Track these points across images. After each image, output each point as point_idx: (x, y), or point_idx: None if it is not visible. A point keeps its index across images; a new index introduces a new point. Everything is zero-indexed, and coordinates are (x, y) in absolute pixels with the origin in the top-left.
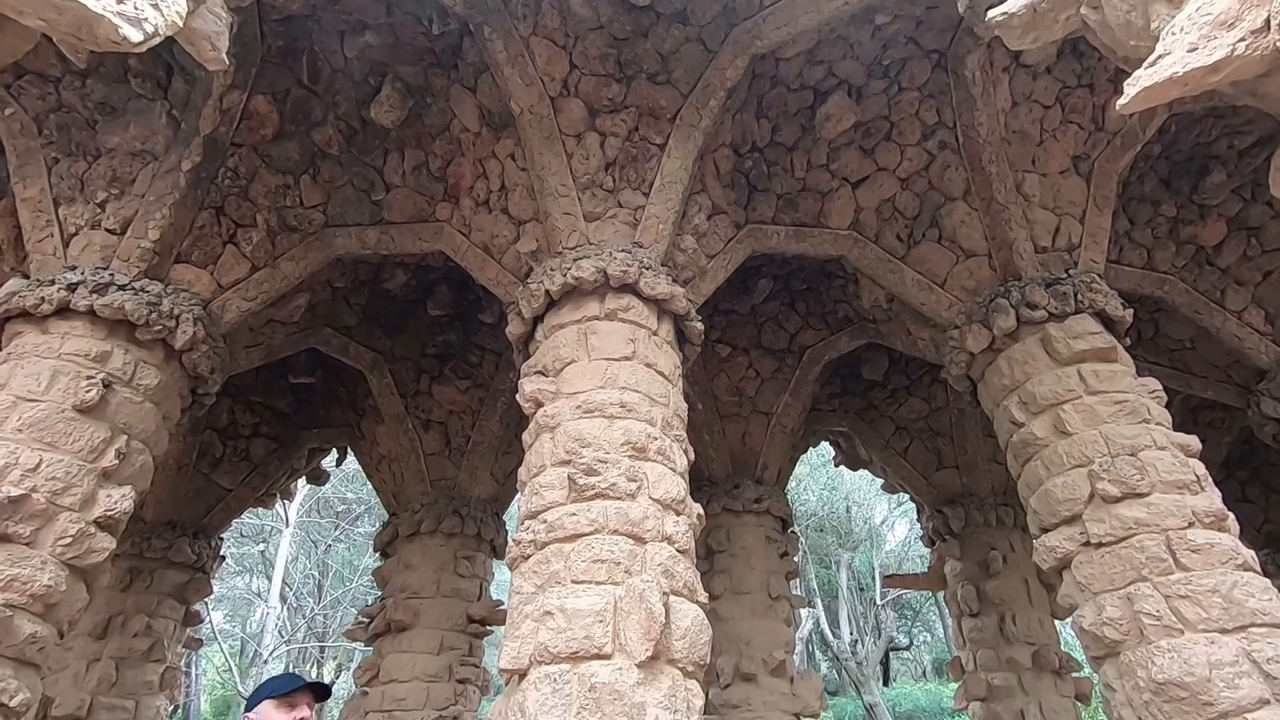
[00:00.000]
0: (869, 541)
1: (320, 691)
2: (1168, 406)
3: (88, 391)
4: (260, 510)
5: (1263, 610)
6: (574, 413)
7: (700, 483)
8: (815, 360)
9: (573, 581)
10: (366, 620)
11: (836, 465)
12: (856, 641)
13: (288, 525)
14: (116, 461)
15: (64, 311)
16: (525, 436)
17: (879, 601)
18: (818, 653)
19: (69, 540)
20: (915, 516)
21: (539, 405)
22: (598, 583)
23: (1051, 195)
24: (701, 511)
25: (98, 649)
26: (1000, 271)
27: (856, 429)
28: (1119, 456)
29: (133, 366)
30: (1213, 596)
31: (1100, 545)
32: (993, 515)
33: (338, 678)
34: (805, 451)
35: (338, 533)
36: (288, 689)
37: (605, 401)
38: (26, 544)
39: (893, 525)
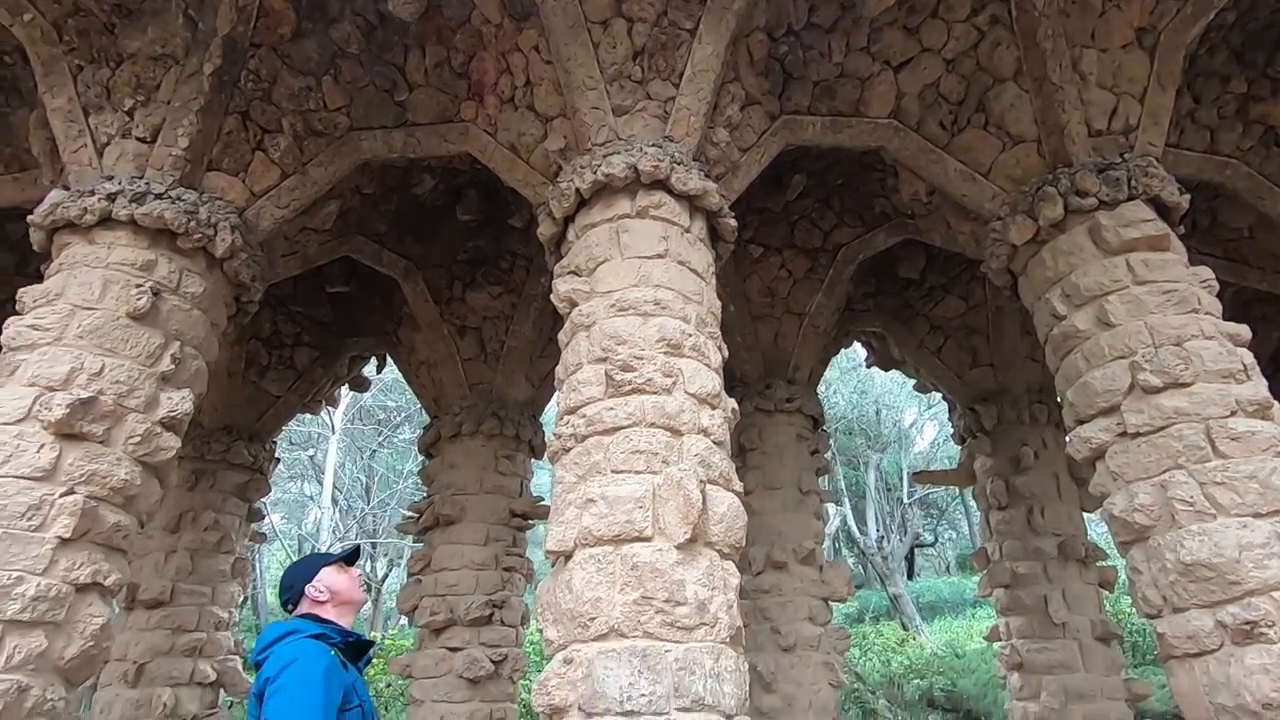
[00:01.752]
0: (898, 443)
1: (353, 559)
2: (1218, 299)
3: (139, 299)
4: (308, 418)
5: None
6: (608, 311)
7: (732, 383)
8: (850, 259)
9: (612, 471)
10: (415, 515)
11: (868, 366)
12: (883, 538)
13: (334, 432)
14: (173, 366)
15: (107, 222)
16: (561, 336)
17: (906, 501)
18: (844, 549)
19: (138, 439)
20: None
21: (573, 305)
22: (636, 472)
23: (1110, 73)
24: (736, 406)
25: (173, 541)
26: (1049, 158)
27: (890, 329)
28: (1163, 347)
29: (178, 275)
30: (1249, 482)
31: (1137, 435)
32: (1026, 413)
33: (389, 573)
34: (837, 353)
35: (381, 439)
36: (337, 559)
37: (639, 299)
38: (101, 442)
39: (921, 428)
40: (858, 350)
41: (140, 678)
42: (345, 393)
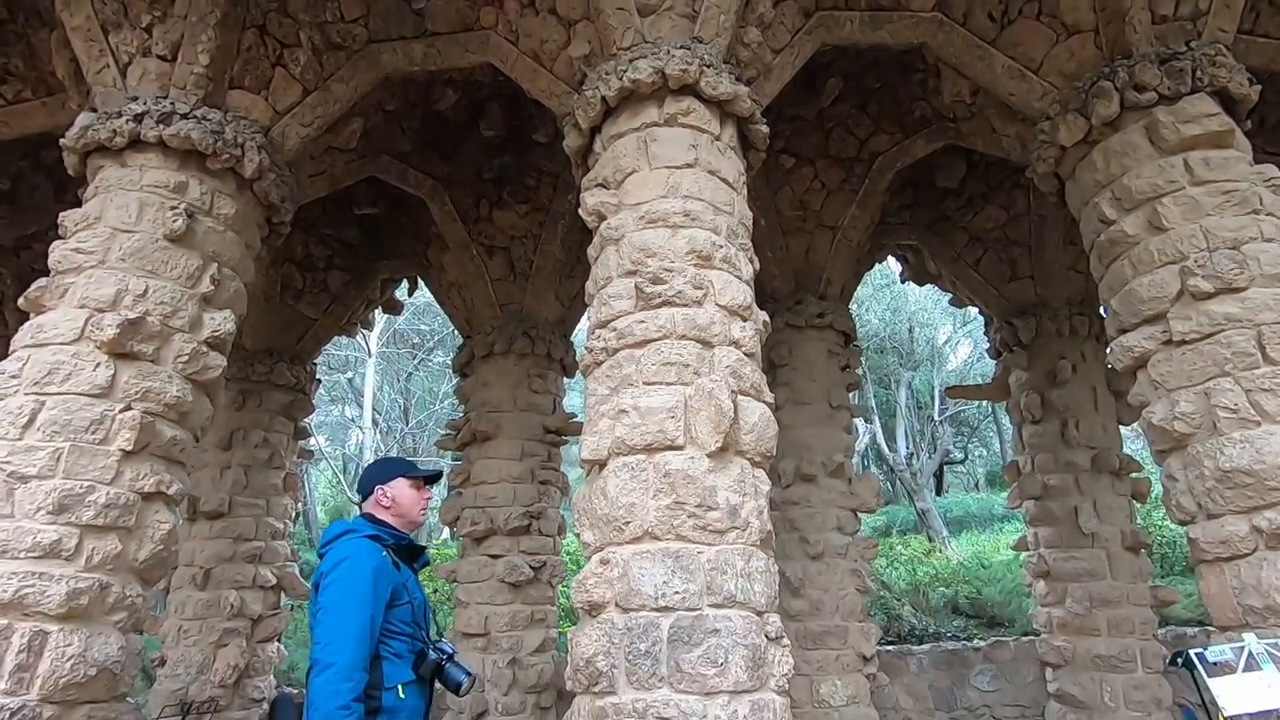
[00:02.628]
0: (930, 361)
1: (433, 480)
2: None
3: (174, 221)
4: (344, 342)
5: None
6: (637, 224)
7: (763, 299)
8: (886, 168)
9: (644, 383)
10: (453, 432)
11: (903, 281)
12: (912, 455)
13: (370, 355)
14: (213, 287)
15: (136, 144)
16: (590, 250)
17: (936, 418)
18: (873, 466)
19: (186, 358)
20: (979, 336)
21: (602, 218)
22: (668, 384)
23: None
24: (767, 319)
25: (227, 458)
26: (1107, 50)
27: (926, 241)
28: (1218, 251)
29: (210, 197)
30: None
31: (1183, 343)
32: (1066, 325)
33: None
34: (871, 267)
35: (416, 363)
36: (420, 474)
37: (668, 211)
38: (151, 361)
39: (955, 346)
40: (891, 267)
41: (208, 581)
42: (380, 317)
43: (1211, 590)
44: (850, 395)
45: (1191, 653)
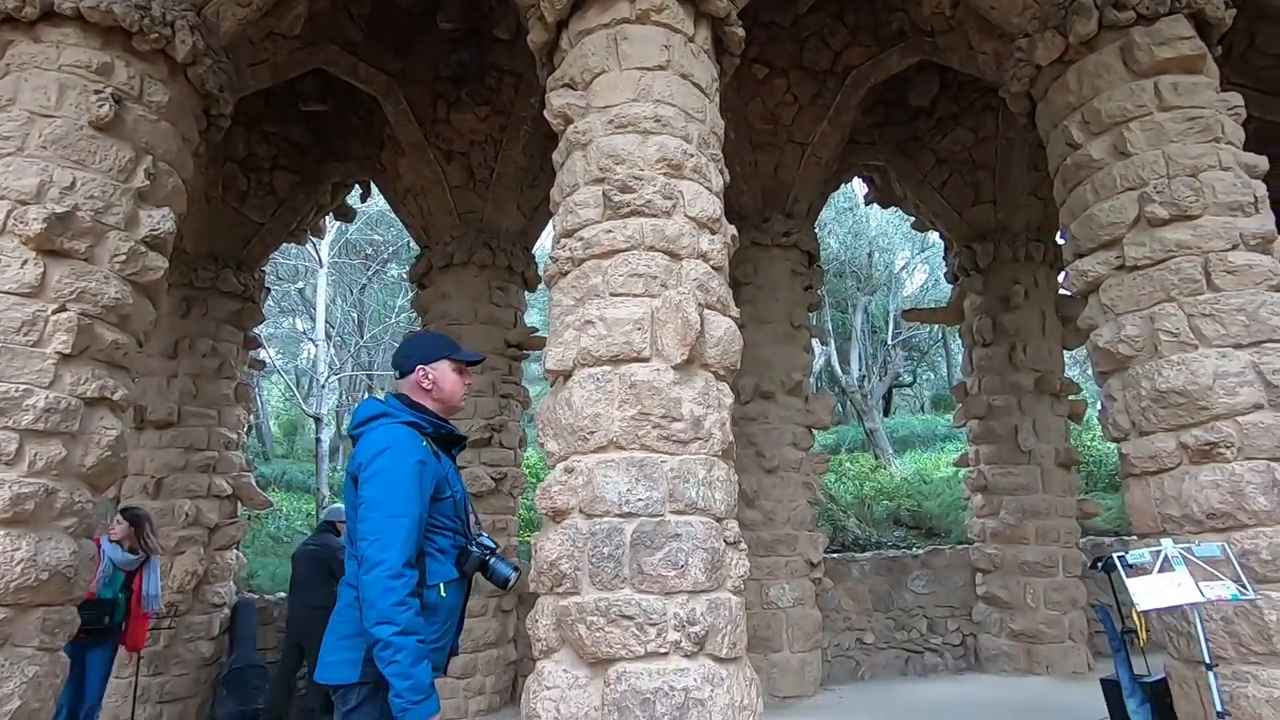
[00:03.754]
0: (887, 286)
1: (475, 364)
2: (1243, 130)
3: (100, 106)
4: (294, 251)
5: None
6: (606, 128)
7: (730, 216)
8: (859, 83)
9: (611, 294)
10: None
11: (867, 204)
12: (864, 378)
13: (321, 265)
14: (148, 182)
15: (50, 16)
16: (555, 155)
17: (889, 342)
18: (826, 387)
19: (123, 257)
20: (935, 264)
21: (569, 121)
22: (635, 295)
23: None
24: (736, 233)
25: (173, 366)
26: None
27: (894, 162)
28: (1177, 178)
29: (139, 81)
30: (1237, 315)
31: (1135, 268)
32: (1022, 251)
33: None
34: (838, 188)
35: (370, 274)
36: (465, 358)
37: (639, 116)
38: (85, 260)
39: (912, 272)
40: (855, 190)
41: (160, 490)
42: (331, 225)
43: (1136, 501)
44: (811, 316)
45: (1114, 556)
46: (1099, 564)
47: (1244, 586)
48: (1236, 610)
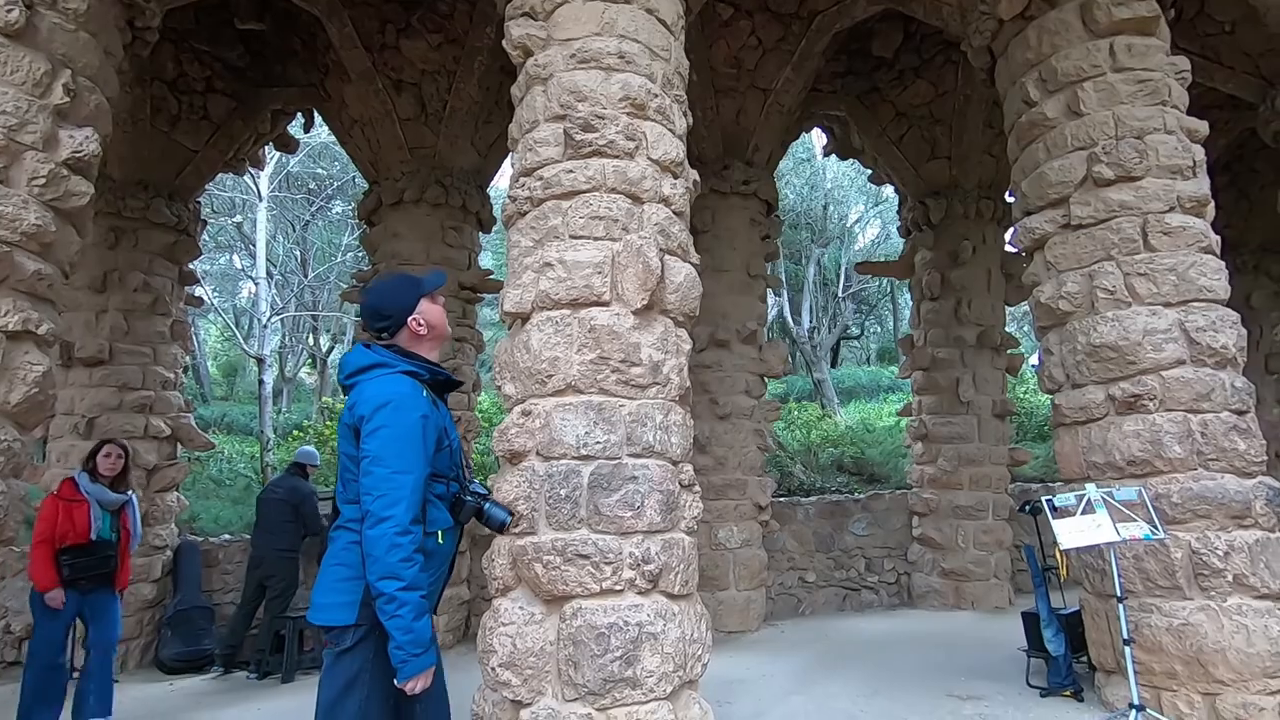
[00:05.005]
0: (840, 239)
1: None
2: (1187, 94)
3: (9, 12)
4: (230, 183)
5: (1208, 288)
6: (568, 62)
7: (690, 162)
8: (825, 29)
9: (571, 237)
10: (359, 284)
11: (826, 154)
12: (814, 329)
13: (261, 199)
14: (67, 99)
15: None
16: (514, 89)
17: (840, 295)
18: (778, 337)
19: (43, 180)
20: (889, 219)
21: (528, 53)
22: (595, 238)
23: None
24: (698, 178)
25: (102, 301)
26: None
27: (854, 113)
28: (1124, 139)
29: None
30: (1169, 274)
31: (1080, 227)
32: (973, 208)
33: (333, 347)
34: (798, 137)
35: (313, 209)
36: (436, 286)
37: (602, 51)
38: (0, 182)
39: (866, 226)
40: (813, 141)
41: (92, 430)
42: (271, 156)
43: (1065, 449)
44: (768, 266)
45: (1042, 500)
46: (1027, 507)
47: (1155, 527)
48: (1147, 549)
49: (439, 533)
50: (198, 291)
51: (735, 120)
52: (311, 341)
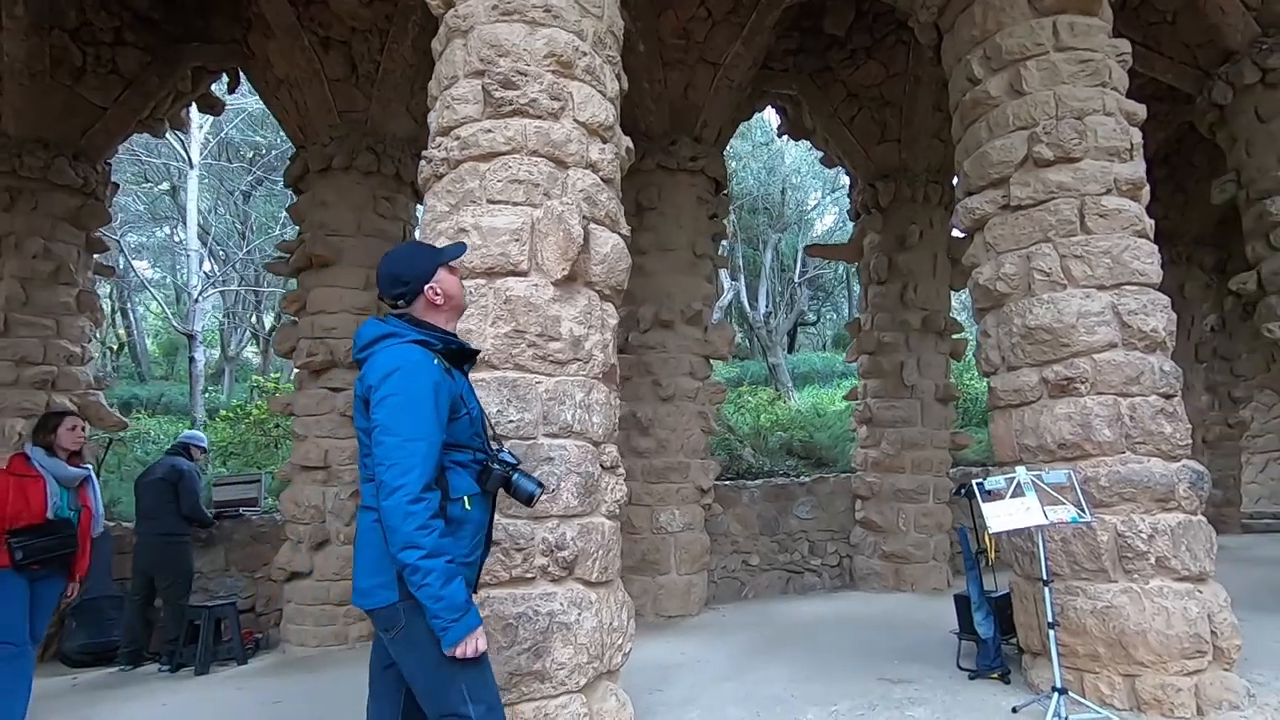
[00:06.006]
0: (798, 225)
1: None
2: (1128, 76)
3: None
4: (164, 150)
5: (1141, 271)
6: (489, 14)
7: (635, 137)
8: (776, 2)
9: (488, 201)
10: (286, 255)
11: (779, 135)
12: (770, 314)
13: (192, 166)
14: None
15: None
16: (435, 43)
17: (797, 281)
18: (734, 323)
19: None
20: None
21: (449, 4)
22: (515, 204)
23: None
24: (631, 145)
25: None
26: None
27: (806, 92)
28: (1064, 119)
29: None
30: (1103, 258)
31: (1019, 208)
32: (921, 192)
33: (274, 326)
34: (749, 116)
35: (251, 178)
36: (453, 256)
37: (526, 3)
38: None
39: (823, 212)
40: (771, 125)
41: None
42: (200, 121)
43: (999, 432)
44: (716, 245)
45: (973, 483)
46: (961, 490)
47: (1083, 510)
48: (1074, 532)
49: (464, 499)
50: (120, 263)
51: (683, 94)
52: (255, 319)
